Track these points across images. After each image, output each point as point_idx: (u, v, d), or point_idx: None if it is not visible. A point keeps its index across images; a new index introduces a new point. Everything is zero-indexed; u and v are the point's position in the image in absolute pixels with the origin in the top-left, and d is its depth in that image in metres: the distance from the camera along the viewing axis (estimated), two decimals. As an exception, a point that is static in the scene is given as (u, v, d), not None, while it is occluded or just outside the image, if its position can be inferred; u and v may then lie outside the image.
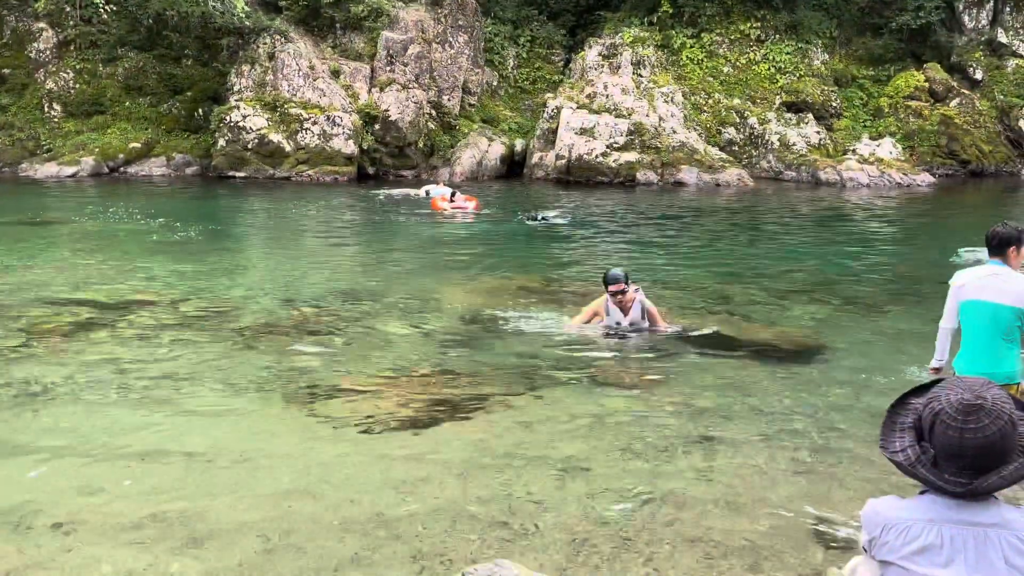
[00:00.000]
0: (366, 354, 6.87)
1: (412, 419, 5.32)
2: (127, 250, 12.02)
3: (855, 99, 27.63)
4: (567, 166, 24.02)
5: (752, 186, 23.61)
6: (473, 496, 4.22)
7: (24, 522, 3.81)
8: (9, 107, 24.87)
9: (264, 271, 10.91)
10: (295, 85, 24.18)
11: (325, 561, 3.57)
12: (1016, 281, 4.26)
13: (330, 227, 15.50)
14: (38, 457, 4.62)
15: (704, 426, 5.22)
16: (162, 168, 24.08)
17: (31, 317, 7.83)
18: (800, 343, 7.35)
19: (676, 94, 25.61)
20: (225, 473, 4.48)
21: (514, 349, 7.02)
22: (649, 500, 4.18)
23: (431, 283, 9.90)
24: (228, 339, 7.23)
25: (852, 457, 4.78)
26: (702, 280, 10.48)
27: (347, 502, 4.13)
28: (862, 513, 2.26)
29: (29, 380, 5.97)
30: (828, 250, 13.20)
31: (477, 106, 27.03)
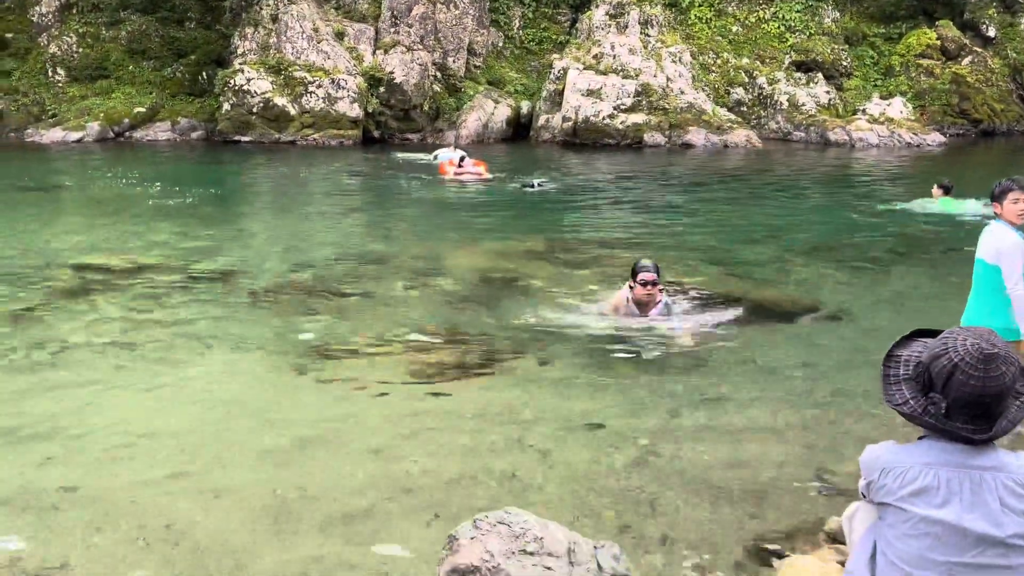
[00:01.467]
0: (375, 315, 6.93)
1: (421, 378, 5.40)
2: (135, 215, 12.06)
3: (866, 58, 27.29)
4: (573, 128, 23.86)
5: (760, 147, 23.44)
6: (483, 451, 4.30)
7: (37, 484, 3.90)
8: (13, 72, 24.77)
9: (272, 235, 10.96)
10: (299, 48, 23.99)
11: (339, 513, 3.66)
12: (987, 234, 4.46)
13: (337, 191, 15.50)
14: (53, 419, 4.71)
15: (709, 385, 5.29)
16: (167, 133, 24.03)
17: (43, 280, 7.91)
18: (805, 303, 7.38)
19: (684, 54, 25.32)
20: (238, 431, 4.57)
21: (522, 310, 7.07)
22: (655, 455, 4.26)
23: (438, 246, 9.94)
24: (238, 301, 7.30)
25: (855, 414, 4.84)
26: (707, 241, 10.49)
27: (359, 457, 4.22)
28: (861, 458, 2.32)
29: (43, 342, 6.06)
30: (834, 211, 13.15)
31: (482, 68, 26.79)
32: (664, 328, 6.20)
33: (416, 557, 3.31)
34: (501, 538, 2.68)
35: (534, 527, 2.75)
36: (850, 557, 2.39)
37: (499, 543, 2.66)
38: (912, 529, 2.16)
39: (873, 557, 2.28)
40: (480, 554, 2.62)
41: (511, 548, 2.66)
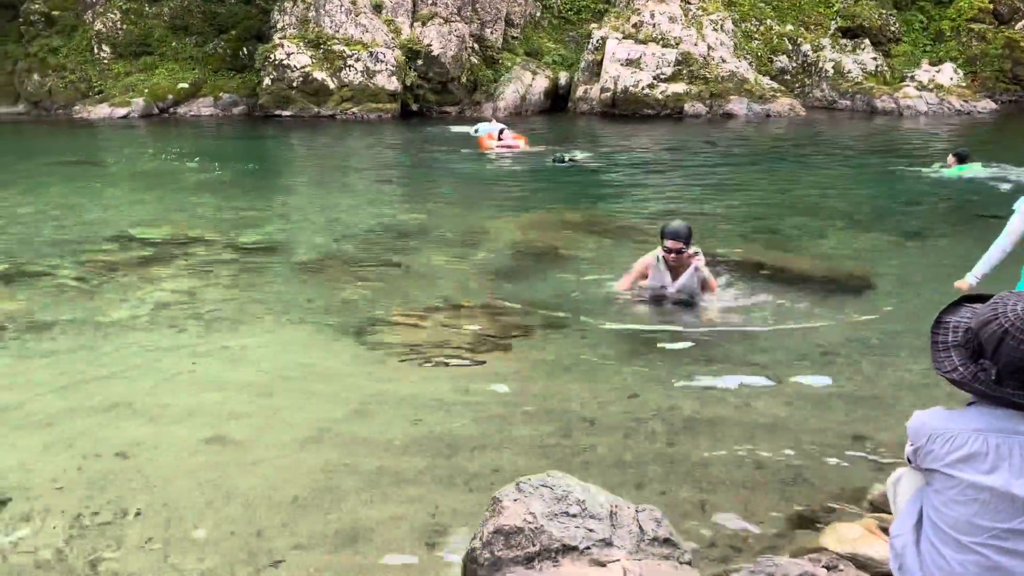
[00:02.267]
0: (416, 286, 7.00)
1: (459, 347, 5.46)
2: (181, 188, 12.29)
3: (915, 23, 26.49)
4: (612, 99, 23.61)
5: (804, 116, 22.97)
6: (522, 418, 4.35)
7: (92, 449, 4.04)
8: (60, 49, 25.24)
9: (314, 207, 11.08)
10: (337, 21, 24.04)
11: (383, 477, 3.74)
12: None
13: (376, 165, 15.58)
14: (104, 387, 4.87)
15: (748, 353, 5.26)
16: (210, 108, 24.33)
17: (94, 253, 8.12)
18: (848, 273, 7.27)
19: (726, 21, 24.83)
20: (283, 398, 4.68)
21: (561, 281, 7.09)
22: (693, 423, 4.27)
23: (477, 218, 9.97)
24: (282, 272, 7.42)
25: (899, 383, 4.78)
26: (748, 211, 10.36)
27: (401, 424, 4.30)
28: (908, 424, 2.31)
29: (95, 310, 6.25)
30: (879, 180, 12.87)
31: (520, 39, 26.59)
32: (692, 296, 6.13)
33: (458, 519, 3.38)
34: (544, 500, 2.72)
35: (576, 490, 2.79)
36: (895, 522, 2.39)
37: (542, 505, 2.71)
38: (959, 495, 2.15)
39: (919, 523, 2.28)
40: (523, 515, 2.67)
41: (553, 510, 2.70)
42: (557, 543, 2.60)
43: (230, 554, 3.16)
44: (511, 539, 2.63)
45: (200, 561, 3.12)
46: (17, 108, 25.20)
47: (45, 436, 4.15)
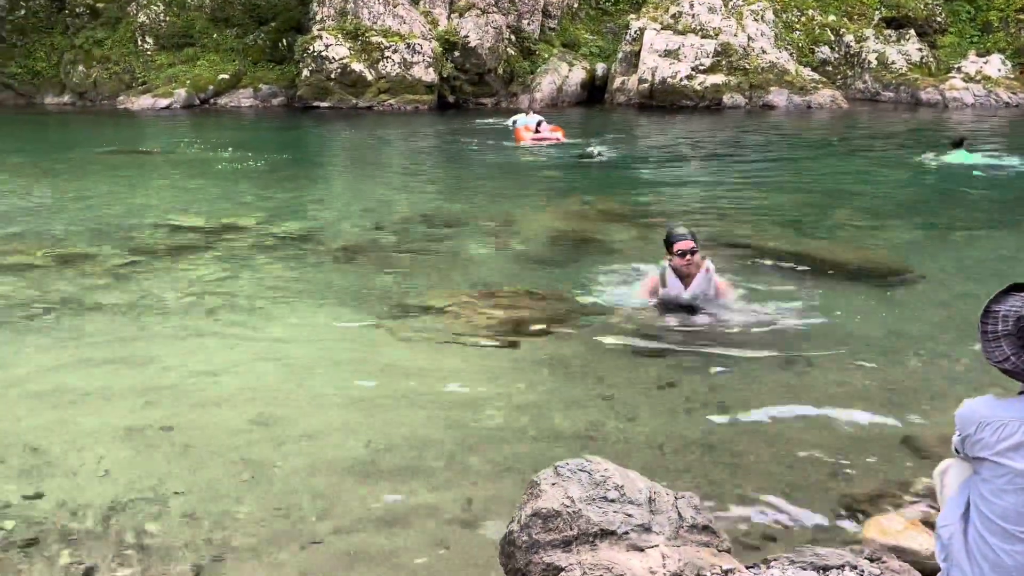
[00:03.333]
0: (450, 274, 7.03)
1: (495, 334, 5.47)
2: (221, 177, 12.47)
3: (962, 13, 25.86)
4: (650, 90, 23.44)
5: (846, 107, 22.59)
6: (558, 405, 4.35)
7: (136, 427, 4.12)
8: (104, 41, 25.72)
9: (351, 196, 11.18)
10: (375, 12, 24.16)
11: (419, 461, 3.77)
12: None
13: (413, 155, 15.66)
14: (148, 368, 4.97)
15: (788, 346, 5.19)
16: (249, 99, 24.63)
17: (138, 239, 8.29)
18: (888, 265, 7.15)
19: (767, 11, 24.48)
20: (321, 382, 4.73)
21: (594, 270, 7.06)
22: (733, 413, 4.23)
23: (512, 208, 9.97)
24: (319, 261, 7.50)
25: (944, 375, 4.69)
26: (787, 202, 10.22)
27: (438, 408, 4.32)
28: (957, 412, 2.26)
29: (139, 296, 6.37)
30: (923, 172, 12.61)
31: (557, 30, 26.49)
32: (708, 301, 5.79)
33: (496, 502, 3.39)
34: (582, 485, 2.72)
35: (614, 475, 2.78)
36: (942, 512, 2.35)
37: (580, 489, 2.70)
38: (1008, 484, 2.10)
39: (966, 513, 2.24)
40: (561, 499, 2.67)
41: (592, 495, 2.69)
42: (595, 527, 2.60)
43: (270, 533, 3.21)
44: (549, 522, 2.63)
45: (242, 538, 3.17)
46: (63, 98, 25.75)
47: (90, 414, 4.25)
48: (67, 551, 3.07)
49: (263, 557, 3.06)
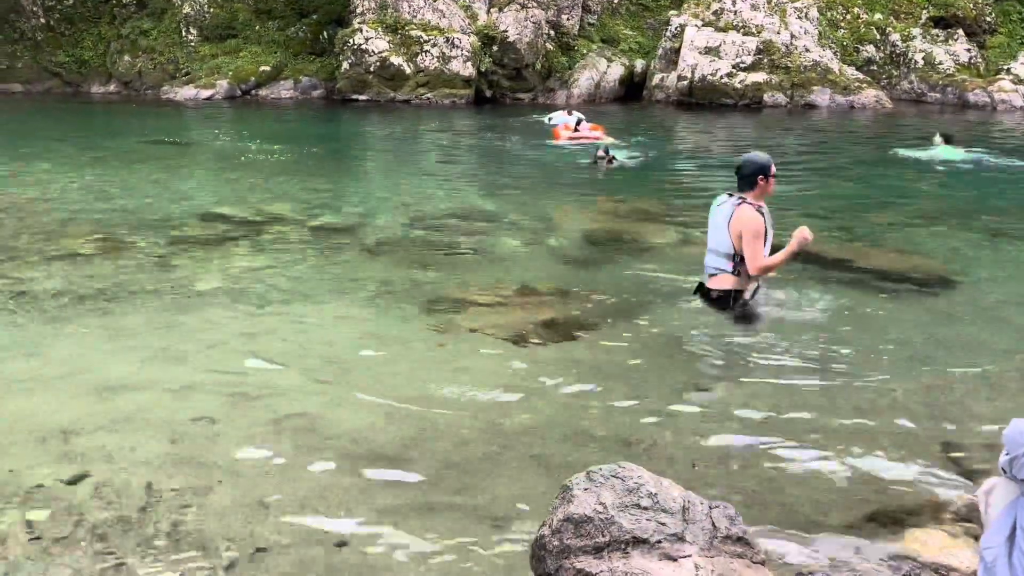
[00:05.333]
0: (486, 270, 7.03)
1: (530, 332, 5.45)
2: (260, 168, 12.60)
3: (1013, 13, 25.20)
4: (689, 87, 23.20)
5: (891, 108, 22.16)
6: (592, 408, 4.32)
7: (171, 418, 4.18)
8: (150, 31, 26.14)
9: (387, 191, 11.22)
10: (415, 6, 24.22)
11: (449, 461, 3.77)
12: None
13: (449, 150, 15.68)
14: (183, 359, 5.03)
15: (827, 352, 5.10)
16: (290, 91, 24.85)
17: (178, 228, 8.41)
18: (932, 270, 7.00)
19: (811, 9, 24.08)
20: (354, 376, 4.75)
21: (630, 270, 7.01)
22: (767, 421, 4.17)
23: (548, 204, 9.94)
24: (356, 254, 7.55)
25: (986, 386, 4.58)
26: (828, 204, 10.05)
27: (469, 408, 4.32)
28: (1005, 432, 2.20)
29: (177, 285, 6.47)
30: (971, 176, 12.32)
31: (597, 25, 26.34)
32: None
33: (527, 505, 3.38)
34: (615, 491, 2.69)
35: (648, 483, 2.75)
36: (985, 533, 2.28)
37: (613, 496, 2.68)
38: (1058, 508, 2.04)
39: (1012, 535, 2.17)
40: (594, 505, 2.64)
41: (624, 502, 2.66)
42: (627, 535, 2.57)
43: (302, 528, 3.24)
44: (580, 528, 2.61)
45: (273, 534, 3.20)
46: (109, 88, 26.20)
47: (126, 404, 4.31)
48: (99, 543, 3.12)
49: (293, 553, 3.08)
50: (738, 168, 5.38)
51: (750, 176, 5.30)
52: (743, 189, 5.35)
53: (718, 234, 5.35)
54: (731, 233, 5.25)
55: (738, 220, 5.21)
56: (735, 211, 5.25)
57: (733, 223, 5.24)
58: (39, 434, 3.93)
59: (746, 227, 5.18)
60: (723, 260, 5.37)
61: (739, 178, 5.36)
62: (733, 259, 5.32)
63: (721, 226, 5.31)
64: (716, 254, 5.41)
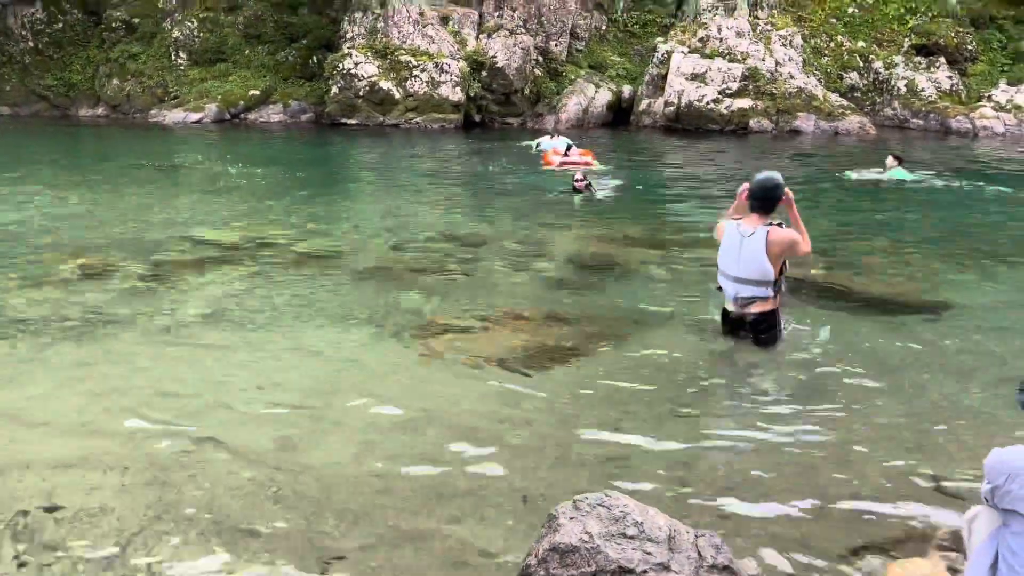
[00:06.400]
0: (474, 295, 7.03)
1: (518, 358, 5.45)
2: (248, 192, 12.60)
3: (993, 41, 25.66)
4: (676, 113, 23.43)
5: (874, 134, 22.43)
6: (579, 435, 4.31)
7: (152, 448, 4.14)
8: (140, 55, 26.23)
9: (376, 215, 11.24)
10: (405, 32, 24.43)
11: (435, 488, 3.75)
12: None
13: (438, 174, 15.74)
14: (167, 385, 5.00)
15: (818, 378, 5.12)
16: (279, 115, 24.95)
17: (165, 252, 8.38)
18: (917, 298, 7.05)
19: (795, 37, 24.44)
20: (340, 403, 4.73)
21: (619, 294, 7.03)
22: (754, 448, 4.17)
23: (537, 229, 9.97)
24: (343, 279, 7.54)
25: (973, 414, 4.60)
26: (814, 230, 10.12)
27: (455, 434, 4.30)
28: (986, 461, 2.21)
29: (166, 309, 6.43)
30: (954, 203, 12.47)
31: (585, 51, 26.63)
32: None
33: (512, 534, 3.36)
34: (601, 520, 2.69)
35: (634, 511, 2.75)
36: (969, 562, 2.29)
37: (598, 525, 2.67)
38: (1040, 538, 2.05)
39: (995, 564, 2.18)
40: (579, 534, 2.64)
41: (611, 531, 2.66)
42: (613, 564, 2.57)
43: (293, 550, 3.20)
44: (566, 558, 2.60)
45: (265, 555, 3.16)
46: (97, 111, 26.23)
47: (108, 432, 4.27)
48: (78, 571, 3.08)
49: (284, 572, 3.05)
50: (760, 189, 5.27)
51: (774, 199, 5.27)
52: (762, 211, 5.29)
53: (756, 265, 5.24)
54: (772, 259, 5.22)
55: (780, 241, 5.18)
56: (769, 236, 5.20)
57: (772, 248, 5.19)
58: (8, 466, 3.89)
59: (785, 244, 5.19)
60: (763, 288, 5.32)
61: (761, 199, 5.25)
62: (773, 284, 5.31)
63: (759, 257, 5.21)
64: (754, 284, 5.32)
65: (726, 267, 5.43)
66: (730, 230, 5.37)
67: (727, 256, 5.40)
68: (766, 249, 5.19)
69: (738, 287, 5.39)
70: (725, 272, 5.44)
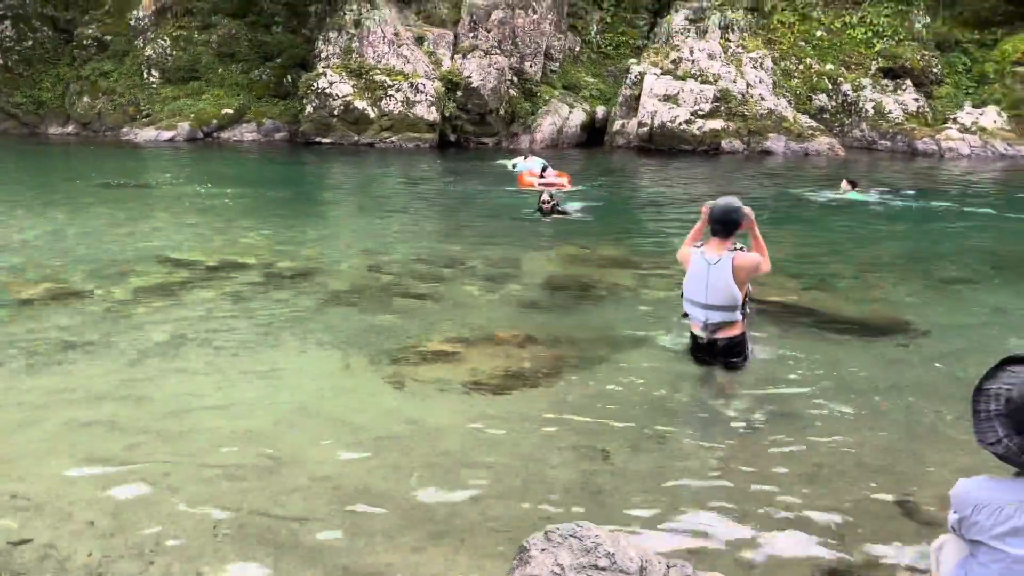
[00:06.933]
0: (448, 317, 7.01)
1: (492, 381, 5.43)
2: (220, 212, 12.50)
3: (958, 64, 26.25)
4: (649, 134, 23.66)
5: (843, 155, 22.79)
6: (552, 460, 4.30)
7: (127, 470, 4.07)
8: (111, 73, 26.01)
9: (350, 236, 11.19)
10: (380, 52, 24.47)
11: (406, 516, 3.71)
12: None
13: (412, 194, 15.73)
14: (136, 410, 4.92)
15: (788, 401, 5.16)
16: (252, 133, 24.82)
17: (137, 274, 8.27)
18: (890, 320, 7.14)
19: (766, 59, 24.83)
20: (310, 427, 4.68)
21: (592, 315, 7.05)
22: (727, 471, 4.18)
23: (511, 250, 9.98)
24: (316, 301, 7.48)
25: (941, 438, 4.65)
26: (783, 252, 10.24)
27: (427, 459, 4.27)
28: (952, 492, 2.23)
29: (136, 332, 6.34)
30: (922, 223, 12.68)
31: (559, 72, 26.83)
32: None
33: (484, 565, 3.33)
34: (572, 552, 2.68)
35: (605, 542, 2.74)
36: (937, 592, 2.30)
37: (570, 556, 2.66)
38: (1006, 570, 2.07)
39: (962, 594, 2.19)
40: (551, 567, 2.62)
41: (582, 562, 2.65)
42: (585, 597, 2.55)
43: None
44: (538, 590, 2.58)
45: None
46: (67, 129, 25.94)
47: (75, 457, 4.19)
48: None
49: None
50: (721, 214, 5.35)
51: (735, 223, 5.37)
52: (724, 236, 5.37)
53: (724, 292, 5.29)
54: (739, 283, 5.29)
55: (745, 265, 5.29)
56: (734, 262, 5.28)
57: (738, 273, 5.28)
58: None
59: (750, 267, 5.29)
60: (731, 313, 5.38)
61: (722, 223, 5.34)
62: (742, 307, 5.38)
63: (727, 282, 5.27)
64: (723, 310, 5.38)
65: (693, 294, 5.47)
66: (695, 258, 5.42)
67: (694, 284, 5.44)
68: (733, 274, 5.25)
69: (708, 313, 5.44)
70: (693, 299, 5.49)
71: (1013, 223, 12.39)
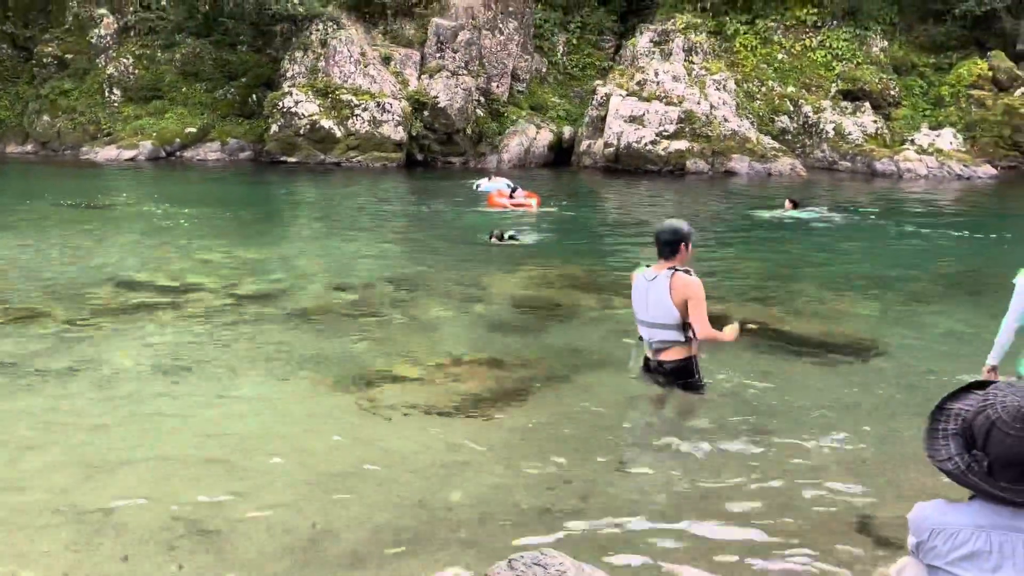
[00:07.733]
0: (413, 340, 6.96)
1: (458, 405, 5.39)
2: (183, 233, 12.33)
3: (915, 88, 26.91)
4: (615, 154, 23.87)
5: (805, 176, 23.19)
6: (519, 484, 4.27)
7: (75, 504, 3.96)
8: (71, 91, 25.62)
9: (314, 256, 11.10)
10: (346, 72, 24.44)
11: (370, 545, 3.66)
12: None
13: (378, 214, 15.67)
14: (94, 438, 4.80)
15: (751, 421, 5.19)
16: (216, 153, 24.59)
17: (96, 297, 8.11)
18: (851, 339, 7.23)
19: (728, 81, 25.23)
20: (274, 455, 4.60)
21: (559, 337, 7.05)
22: (693, 492, 4.19)
23: (477, 271, 9.98)
24: (279, 324, 7.39)
25: (903, 456, 4.70)
26: (747, 271, 10.36)
27: (393, 487, 4.21)
28: (910, 516, 2.24)
29: (90, 358, 6.20)
30: (881, 243, 12.92)
31: (526, 93, 27.01)
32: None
33: (449, 593, 3.29)
34: (536, 581, 2.65)
35: (570, 570, 2.71)
36: (897, 617, 2.31)
37: (533, 586, 2.63)
38: (963, 594, 2.08)
39: (921, 618, 2.20)
40: (514, 597, 2.59)
41: (545, 591, 2.62)
42: (548, 627, 2.52)
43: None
44: (501, 621, 2.55)
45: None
46: (26, 147, 25.48)
47: (22, 490, 4.07)
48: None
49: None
50: (661, 235, 5.30)
51: (674, 243, 5.29)
52: (666, 256, 5.31)
53: (661, 308, 5.19)
54: (675, 303, 5.17)
55: (682, 288, 5.09)
56: (671, 281, 5.19)
57: (675, 293, 5.16)
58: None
59: (693, 294, 5.07)
60: (673, 332, 5.21)
61: (662, 244, 5.26)
62: (683, 329, 5.23)
63: (664, 299, 5.16)
64: (663, 327, 5.22)
65: (638, 312, 5.44)
66: (637, 277, 5.39)
67: (637, 302, 5.40)
68: (669, 293, 5.15)
69: (651, 332, 5.35)
70: (637, 317, 5.45)
71: (968, 242, 12.67)
